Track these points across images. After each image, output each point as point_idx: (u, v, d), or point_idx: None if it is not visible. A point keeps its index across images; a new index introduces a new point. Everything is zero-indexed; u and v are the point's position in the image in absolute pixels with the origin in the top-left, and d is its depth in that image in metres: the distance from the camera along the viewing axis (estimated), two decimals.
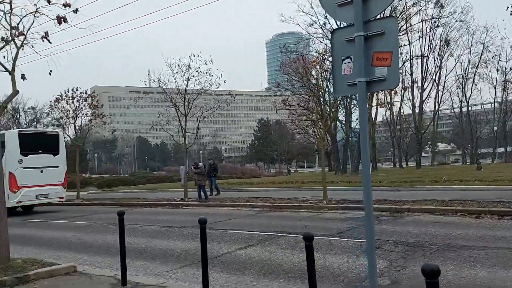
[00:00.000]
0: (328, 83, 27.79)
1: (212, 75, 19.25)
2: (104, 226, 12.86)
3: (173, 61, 19.45)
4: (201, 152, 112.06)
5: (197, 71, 19.04)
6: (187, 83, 19.20)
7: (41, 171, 17.91)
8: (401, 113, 55.07)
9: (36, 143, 18.24)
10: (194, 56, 18.99)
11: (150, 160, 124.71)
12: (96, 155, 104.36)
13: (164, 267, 7.39)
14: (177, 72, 19.07)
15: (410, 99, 50.38)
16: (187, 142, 20.57)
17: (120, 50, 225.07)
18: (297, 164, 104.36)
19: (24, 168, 17.04)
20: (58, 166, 18.63)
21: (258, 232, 10.34)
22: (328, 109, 21.01)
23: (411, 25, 41.46)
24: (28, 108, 78.74)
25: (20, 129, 20.55)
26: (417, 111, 49.90)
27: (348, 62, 3.95)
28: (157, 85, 19.87)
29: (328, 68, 18.75)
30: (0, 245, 6.76)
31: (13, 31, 7.44)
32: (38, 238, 11.49)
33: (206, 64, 19.13)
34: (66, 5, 7.34)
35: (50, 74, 7.43)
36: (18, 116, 75.76)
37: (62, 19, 7.65)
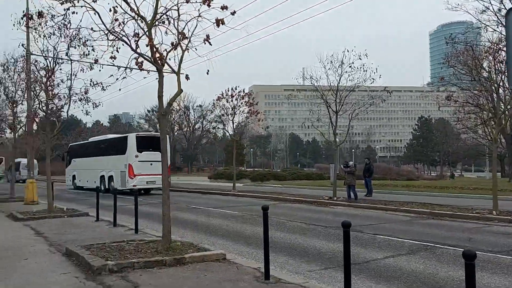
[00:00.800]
0: (503, 76, 24.20)
1: (366, 70, 18.45)
2: (255, 217, 13.42)
3: (326, 57, 19.20)
4: (353, 150, 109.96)
5: (350, 67, 18.50)
6: (339, 79, 18.83)
7: (151, 164, 22.71)
8: None
9: (148, 143, 23.58)
10: (347, 51, 18.50)
11: (301, 157, 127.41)
12: (252, 150, 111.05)
13: (307, 266, 7.29)
14: (329, 69, 18.86)
15: None
16: (337, 140, 20.20)
17: (276, 49, 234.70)
18: (463, 168, 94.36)
19: (139, 161, 22.57)
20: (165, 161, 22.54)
21: (411, 240, 9.49)
22: (503, 106, 18.26)
23: None
24: (197, 106, 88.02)
25: (137, 133, 26.43)
26: None
27: None
28: (310, 83, 19.96)
29: (503, 59, 16.23)
30: (164, 227, 7.52)
31: (179, 36, 8.17)
32: (197, 223, 12.58)
33: (360, 59, 18.39)
34: (223, 7, 7.74)
35: (207, 73, 7.95)
36: (188, 113, 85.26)
37: (220, 22, 8.13)
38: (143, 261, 6.59)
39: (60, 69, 14.01)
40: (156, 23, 7.57)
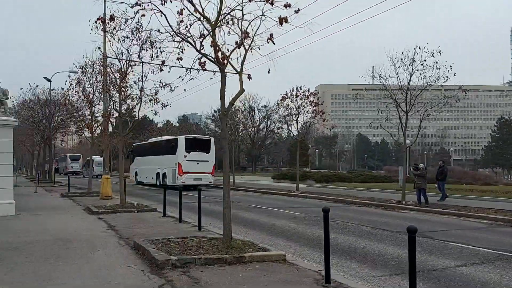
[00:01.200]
0: None
1: (439, 68, 17.44)
2: (318, 219, 13.18)
3: (396, 55, 18.40)
4: (425, 152, 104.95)
5: (422, 64, 17.60)
6: (410, 78, 17.99)
7: (197, 163, 26.19)
8: None
9: (195, 144, 26.74)
10: (419, 48, 17.61)
11: (369, 158, 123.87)
12: (317, 150, 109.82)
13: (371, 271, 6.99)
14: (399, 67, 18.07)
15: None
16: (408, 141, 19.31)
17: (344, 47, 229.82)
18: None
19: (187, 160, 25.10)
20: (209, 161, 27.00)
21: (486, 249, 8.79)
22: None
23: None
24: (261, 106, 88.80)
25: (186, 135, 28.08)
26: None
27: None
28: (378, 81, 19.27)
29: None
30: (224, 226, 7.59)
31: (243, 35, 8.21)
32: (258, 223, 12.61)
33: (433, 56, 17.40)
34: (286, 5, 7.65)
35: (268, 72, 7.92)
36: (253, 113, 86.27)
37: (283, 20, 8.05)
38: (204, 258, 6.69)
39: (132, 71, 14.75)
40: (220, 23, 7.67)
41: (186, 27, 7.68)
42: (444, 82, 17.89)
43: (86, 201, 17.42)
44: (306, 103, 23.29)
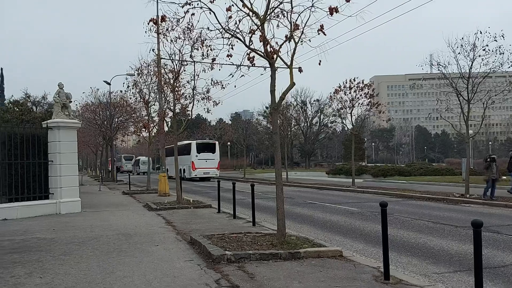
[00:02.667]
0: None
1: (503, 53, 16.33)
2: (375, 215, 12.82)
3: (455, 41, 17.43)
4: (490, 143, 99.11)
5: (484, 50, 16.56)
6: (471, 65, 17.00)
7: (206, 161, 35.40)
8: None
9: (204, 147, 35.65)
10: (480, 32, 16.57)
11: (429, 151, 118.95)
12: (373, 144, 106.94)
13: (433, 268, 6.67)
14: (459, 53, 17.12)
15: None
16: (470, 132, 18.27)
17: (399, 36, 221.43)
18: None
19: (198, 159, 31.33)
20: (214, 159, 35.88)
21: None
22: None
23: None
24: (314, 101, 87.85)
25: (197, 140, 35.46)
26: None
27: None
28: (437, 70, 18.36)
29: None
30: (278, 221, 7.55)
31: (293, 27, 8.09)
32: (313, 218, 12.46)
33: (495, 40, 16.33)
34: None
35: (319, 64, 7.75)
36: (305, 108, 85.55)
37: (334, 10, 7.84)
38: (258, 253, 6.69)
39: (185, 71, 15.09)
40: (269, 17, 7.61)
41: (235, 23, 7.70)
42: (509, 67, 16.75)
43: (145, 198, 18.10)
44: (361, 95, 22.71)
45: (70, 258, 6.98)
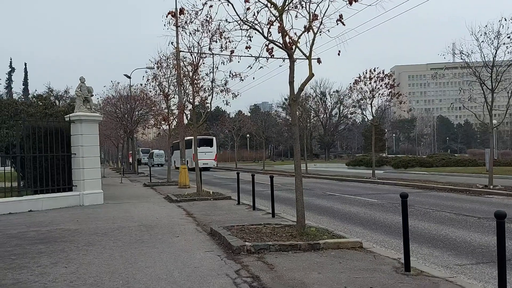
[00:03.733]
0: None
1: None
2: (395, 206, 12.70)
3: (479, 29, 17.05)
4: None
5: (509, 37, 16.11)
6: (495, 53, 16.56)
7: (205, 153, 38.44)
8: None
9: (203, 142, 38.02)
10: (505, 19, 16.11)
11: (451, 141, 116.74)
12: (394, 135, 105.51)
13: (455, 260, 6.58)
14: (483, 41, 16.70)
15: None
16: (494, 122, 17.85)
17: (421, 24, 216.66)
18: None
19: (199, 152, 32.60)
20: (212, 152, 40.63)
21: None
22: None
23: None
24: (333, 92, 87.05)
25: (197, 136, 37.82)
26: None
27: None
28: (459, 58, 17.97)
29: None
30: (297, 213, 7.56)
31: (311, 18, 8.01)
32: (332, 210, 12.41)
33: None
34: None
35: (338, 55, 7.69)
36: (324, 99, 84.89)
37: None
38: (278, 244, 6.72)
39: (204, 63, 15.14)
40: (287, 7, 7.55)
41: (253, 14, 7.67)
42: None
43: (166, 190, 18.34)
44: (381, 86, 22.40)
45: (93, 248, 7.15)
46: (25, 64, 63.19)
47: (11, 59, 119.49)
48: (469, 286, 5.16)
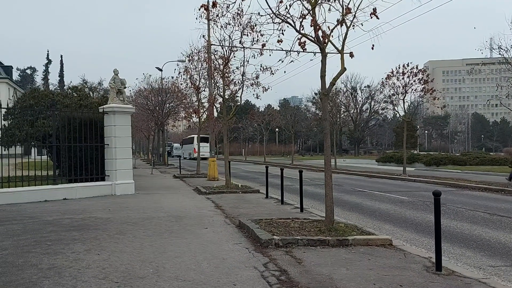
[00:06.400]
0: None
1: None
2: (427, 204, 12.42)
3: None
4: None
5: None
6: None
7: (203, 148, 39.42)
8: None
9: (202, 139, 36.43)
10: None
11: (486, 139, 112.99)
12: (426, 132, 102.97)
13: (489, 261, 6.39)
14: None
15: None
16: None
17: (457, 18, 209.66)
18: None
19: (198, 146, 29.98)
20: (208, 147, 40.23)
21: None
22: None
23: None
24: (364, 87, 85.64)
25: (198, 135, 34.55)
26: None
27: None
28: (497, 54, 17.34)
29: None
30: (326, 208, 7.51)
31: (345, 11, 7.88)
32: (361, 206, 12.26)
33: None
34: None
35: (372, 49, 7.54)
36: (355, 94, 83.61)
37: None
38: (306, 239, 6.70)
39: (234, 57, 15.18)
40: (320, 1, 7.46)
41: (286, 7, 7.62)
42: None
43: (195, 182, 18.57)
44: (414, 81, 21.93)
45: (124, 237, 7.33)
46: (61, 56, 65.28)
47: (48, 52, 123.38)
48: None
